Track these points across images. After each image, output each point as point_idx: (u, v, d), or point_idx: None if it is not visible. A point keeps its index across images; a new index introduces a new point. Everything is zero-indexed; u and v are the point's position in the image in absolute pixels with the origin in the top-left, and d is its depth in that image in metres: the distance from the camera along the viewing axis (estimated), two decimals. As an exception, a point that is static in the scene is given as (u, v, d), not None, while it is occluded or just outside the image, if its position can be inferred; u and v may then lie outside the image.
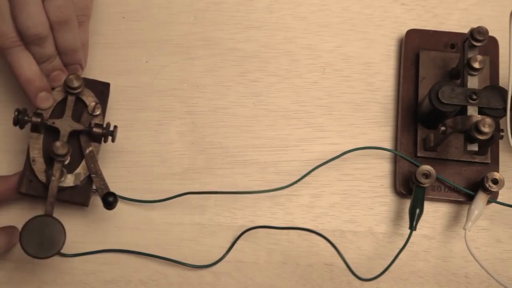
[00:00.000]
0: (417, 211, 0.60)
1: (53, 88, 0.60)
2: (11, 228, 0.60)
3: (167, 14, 0.68)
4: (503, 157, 0.64)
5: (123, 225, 0.63)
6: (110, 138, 0.59)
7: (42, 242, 0.55)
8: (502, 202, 0.62)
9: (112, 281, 0.62)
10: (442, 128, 0.59)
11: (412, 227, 0.59)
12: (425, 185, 0.60)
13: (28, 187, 0.59)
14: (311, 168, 0.63)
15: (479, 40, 0.59)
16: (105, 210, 0.58)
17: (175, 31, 0.68)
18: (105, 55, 0.66)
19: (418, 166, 0.60)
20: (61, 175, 0.58)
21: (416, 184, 0.60)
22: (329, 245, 0.62)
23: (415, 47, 0.66)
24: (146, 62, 0.67)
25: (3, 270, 0.62)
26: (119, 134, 0.62)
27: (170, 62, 0.67)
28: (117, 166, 0.64)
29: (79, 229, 0.62)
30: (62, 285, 0.62)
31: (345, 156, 0.63)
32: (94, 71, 0.65)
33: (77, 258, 0.62)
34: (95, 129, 0.59)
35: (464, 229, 0.60)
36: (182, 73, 0.67)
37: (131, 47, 0.67)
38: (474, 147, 0.59)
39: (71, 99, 0.60)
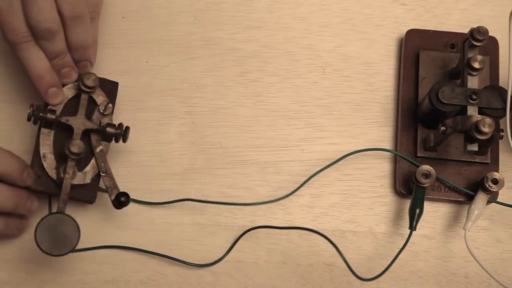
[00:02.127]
0: (417, 211, 0.60)
1: (63, 85, 0.61)
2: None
3: (167, 14, 0.68)
4: (503, 157, 0.64)
5: (123, 225, 0.63)
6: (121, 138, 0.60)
7: (57, 239, 0.55)
8: (502, 202, 0.62)
9: (112, 281, 0.62)
10: (442, 128, 0.59)
11: (412, 227, 0.59)
12: (425, 185, 0.60)
13: (37, 182, 0.59)
14: (311, 168, 0.63)
15: (479, 40, 0.59)
16: (105, 209, 0.59)
17: (175, 31, 0.68)
18: (105, 55, 0.66)
19: (418, 166, 0.60)
20: (74, 173, 0.58)
21: (416, 184, 0.60)
22: (329, 245, 0.62)
23: (415, 47, 0.66)
24: (146, 62, 0.67)
25: (3, 270, 0.62)
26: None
27: (170, 62, 0.67)
28: (117, 166, 0.64)
29: (79, 229, 0.62)
30: (62, 284, 0.62)
31: (345, 156, 0.63)
32: (94, 71, 0.65)
33: (77, 258, 0.62)
34: (108, 129, 0.59)
35: (464, 229, 0.60)
36: (182, 73, 0.67)
37: (131, 47, 0.67)
38: (474, 147, 0.59)
39: (84, 98, 0.60)
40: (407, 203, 0.63)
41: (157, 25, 0.68)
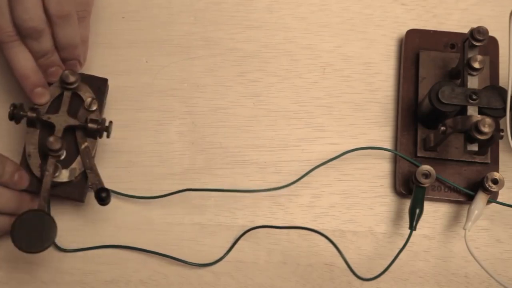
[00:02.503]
0: (417, 211, 0.60)
1: (50, 84, 0.60)
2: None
3: (167, 14, 0.68)
4: (503, 157, 0.64)
5: (123, 225, 0.63)
6: (105, 134, 0.59)
7: (34, 236, 0.55)
8: (502, 202, 0.62)
9: (112, 281, 0.62)
10: (442, 128, 0.59)
11: (412, 227, 0.59)
12: (425, 185, 0.60)
13: None
14: (311, 168, 0.63)
15: (479, 40, 0.59)
16: (104, 209, 0.58)
17: (175, 31, 0.68)
18: (105, 55, 0.66)
19: (418, 166, 0.60)
20: (56, 170, 0.58)
21: (416, 184, 0.60)
22: (329, 245, 0.62)
23: (415, 47, 0.66)
24: (146, 62, 0.67)
25: (3, 270, 0.62)
26: (119, 134, 0.62)
27: (170, 62, 0.67)
28: (116, 166, 0.64)
29: (77, 229, 0.62)
30: (61, 285, 0.62)
31: (345, 156, 0.63)
32: (94, 71, 0.65)
33: (77, 258, 0.62)
34: (90, 125, 0.59)
35: (464, 229, 0.60)
36: (182, 73, 0.67)
37: (131, 47, 0.67)
38: (474, 147, 0.59)
39: (67, 95, 0.60)
40: (407, 203, 0.63)
41: (157, 25, 0.68)
